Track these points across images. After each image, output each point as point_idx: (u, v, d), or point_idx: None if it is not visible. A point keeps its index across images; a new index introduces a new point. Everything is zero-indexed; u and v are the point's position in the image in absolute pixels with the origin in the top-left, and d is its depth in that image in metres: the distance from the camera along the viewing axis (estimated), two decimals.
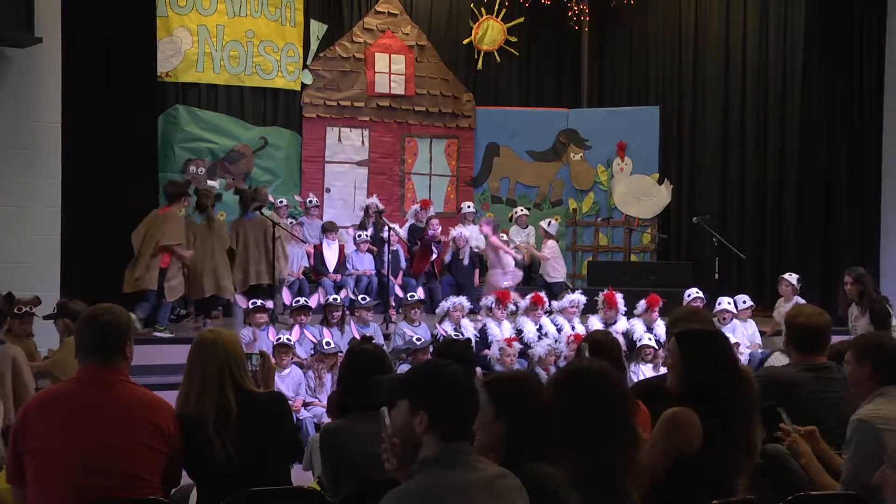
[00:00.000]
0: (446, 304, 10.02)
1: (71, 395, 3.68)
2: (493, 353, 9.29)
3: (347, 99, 13.93)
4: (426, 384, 2.95)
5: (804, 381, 4.43)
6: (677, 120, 14.84)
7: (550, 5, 14.49)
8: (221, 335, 4.00)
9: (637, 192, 14.42)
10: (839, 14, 12.49)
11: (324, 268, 12.12)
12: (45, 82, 9.03)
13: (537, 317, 10.02)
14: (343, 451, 3.97)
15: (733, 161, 14.28)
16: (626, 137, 14.53)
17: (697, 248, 13.99)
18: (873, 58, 12.32)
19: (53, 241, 9.16)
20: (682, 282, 11.67)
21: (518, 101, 15.37)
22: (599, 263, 13.88)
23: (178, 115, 12.81)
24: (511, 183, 14.91)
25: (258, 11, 13.34)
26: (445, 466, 2.82)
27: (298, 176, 13.77)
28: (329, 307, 9.53)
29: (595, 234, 14.81)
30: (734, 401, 3.66)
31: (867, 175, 12.38)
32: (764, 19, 14.03)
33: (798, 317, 4.74)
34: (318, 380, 8.48)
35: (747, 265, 13.41)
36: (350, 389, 4.16)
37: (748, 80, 14.17)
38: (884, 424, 3.85)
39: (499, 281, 11.63)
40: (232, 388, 3.86)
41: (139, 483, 3.58)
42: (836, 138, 12.49)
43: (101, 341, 3.70)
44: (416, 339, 8.88)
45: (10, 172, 8.95)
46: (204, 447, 3.75)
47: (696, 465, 3.55)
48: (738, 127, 14.26)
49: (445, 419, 2.86)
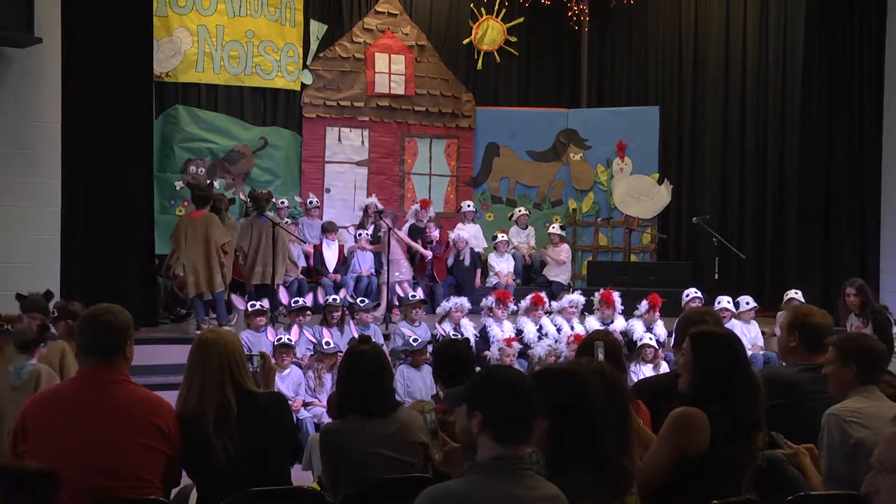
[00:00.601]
0: (447, 304, 10.03)
1: (71, 394, 3.69)
2: (493, 353, 9.30)
3: (347, 99, 13.92)
4: (482, 385, 2.96)
5: (804, 381, 4.44)
6: (677, 120, 14.85)
7: (550, 5, 14.48)
8: (222, 335, 4.00)
9: (637, 192, 14.42)
10: (839, 14, 12.49)
11: (323, 268, 12.14)
12: (45, 82, 9.03)
13: (537, 317, 10.02)
14: (342, 452, 3.98)
15: (733, 161, 14.29)
16: (626, 137, 14.53)
17: (697, 248, 14.00)
18: (873, 57, 12.31)
19: (53, 241, 9.15)
20: (681, 282, 11.67)
21: (518, 101, 15.37)
22: (599, 263, 13.88)
23: (178, 115, 12.81)
24: (511, 183, 14.91)
25: (258, 11, 13.34)
26: (496, 475, 2.81)
27: (298, 176, 13.77)
28: (328, 307, 9.54)
29: (595, 234, 14.81)
30: (745, 404, 3.66)
31: (867, 175, 12.37)
32: (764, 19, 14.05)
33: (811, 316, 4.75)
34: (318, 380, 8.49)
35: (747, 265, 13.42)
36: (349, 391, 4.16)
37: (748, 79, 14.18)
38: (851, 417, 3.90)
39: (394, 276, 11.72)
40: (232, 388, 3.86)
41: (139, 483, 3.58)
42: (836, 138, 12.48)
43: (101, 341, 3.70)
44: (413, 340, 8.89)
45: (10, 172, 8.94)
46: (204, 447, 3.75)
47: (700, 466, 3.55)
48: (738, 127, 14.27)
49: (498, 420, 2.85)
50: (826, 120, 12.59)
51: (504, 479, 2.80)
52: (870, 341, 4.27)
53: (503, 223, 14.08)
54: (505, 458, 2.83)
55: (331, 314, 9.46)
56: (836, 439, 3.89)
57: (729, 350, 3.78)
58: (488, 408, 2.88)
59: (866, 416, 3.90)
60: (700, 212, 13.02)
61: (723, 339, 3.84)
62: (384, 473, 3.90)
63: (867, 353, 4.14)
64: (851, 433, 3.85)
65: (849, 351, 4.17)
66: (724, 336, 3.89)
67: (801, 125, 13.32)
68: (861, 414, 3.91)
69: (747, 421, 3.66)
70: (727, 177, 14.34)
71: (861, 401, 4.01)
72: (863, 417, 3.90)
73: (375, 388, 4.10)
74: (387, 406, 4.11)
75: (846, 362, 4.14)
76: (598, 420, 3.07)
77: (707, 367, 3.73)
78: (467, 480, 2.84)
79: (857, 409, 3.94)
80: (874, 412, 3.91)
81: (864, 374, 4.10)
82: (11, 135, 8.92)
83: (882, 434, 3.25)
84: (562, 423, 3.02)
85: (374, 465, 3.95)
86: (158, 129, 11.92)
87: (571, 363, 3.32)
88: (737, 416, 3.62)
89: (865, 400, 4.01)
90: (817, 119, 12.71)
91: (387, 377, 4.21)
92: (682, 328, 4.44)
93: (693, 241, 14.19)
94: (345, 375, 4.24)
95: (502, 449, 2.84)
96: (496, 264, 12.83)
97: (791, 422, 4.33)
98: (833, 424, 3.92)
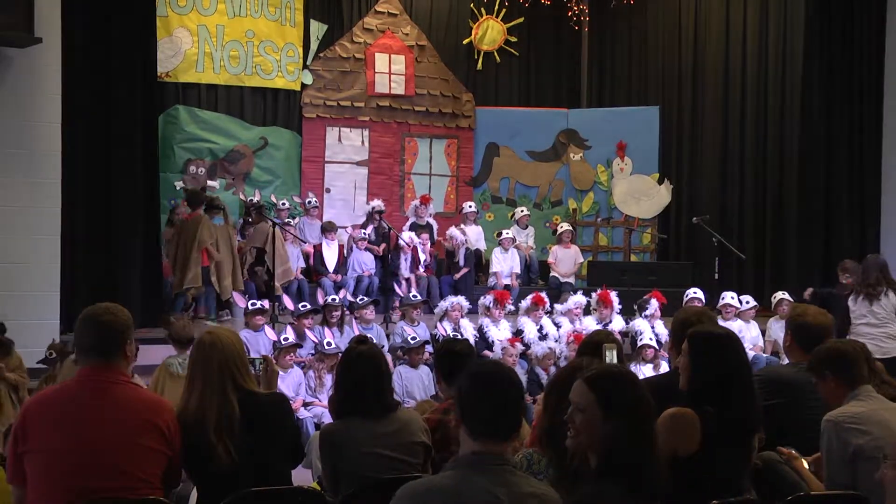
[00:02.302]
0: (444, 303, 10.04)
1: (71, 394, 3.68)
2: (496, 353, 9.31)
3: (347, 99, 13.92)
4: (462, 380, 2.97)
5: (801, 381, 4.42)
6: (677, 120, 14.84)
7: (550, 5, 14.48)
8: (221, 336, 3.98)
9: (637, 192, 14.42)
10: (838, 13, 12.50)
11: (323, 268, 12.13)
12: (46, 82, 9.02)
13: (537, 317, 10.03)
14: (342, 452, 3.98)
15: (733, 161, 14.27)
16: (626, 137, 14.53)
17: (697, 248, 14.00)
18: (873, 57, 12.33)
19: (53, 241, 9.15)
20: (682, 282, 11.68)
21: (518, 101, 15.37)
22: (599, 263, 13.88)
23: (178, 115, 12.81)
24: (511, 183, 14.91)
25: (258, 11, 13.34)
26: (473, 471, 2.80)
27: (298, 176, 13.76)
28: (328, 307, 9.54)
29: (595, 234, 14.81)
30: (742, 405, 3.64)
31: (867, 175, 12.39)
32: (763, 19, 14.02)
33: (804, 316, 4.74)
34: (319, 380, 8.49)
35: (747, 265, 13.41)
36: (347, 392, 4.15)
37: (748, 79, 14.16)
38: (851, 423, 3.88)
39: None
40: (233, 389, 3.85)
41: (139, 483, 3.57)
42: (835, 138, 12.50)
43: (100, 341, 3.69)
44: (412, 339, 8.91)
45: (10, 172, 8.94)
46: (205, 448, 3.75)
47: (691, 467, 3.53)
48: (738, 127, 14.25)
49: (472, 415, 2.86)
50: (826, 120, 12.60)
51: (481, 475, 2.79)
52: (835, 345, 4.23)
53: (503, 223, 14.08)
54: (482, 454, 2.82)
55: (330, 314, 9.46)
56: (834, 447, 3.87)
57: (728, 351, 3.75)
58: (464, 403, 2.88)
59: (866, 420, 3.87)
60: (700, 212, 13.01)
61: (722, 340, 3.80)
62: (384, 473, 3.89)
63: (835, 358, 4.11)
64: (850, 440, 3.82)
65: (818, 364, 4.16)
66: (723, 337, 3.84)
67: (800, 125, 13.32)
68: (860, 419, 3.88)
69: (743, 422, 3.65)
70: (727, 177, 14.32)
71: (859, 405, 3.97)
72: (862, 423, 3.87)
73: (373, 389, 4.09)
74: (385, 406, 4.11)
75: (822, 375, 4.14)
76: (651, 424, 3.07)
77: (705, 367, 3.71)
78: (446, 476, 2.84)
79: (856, 414, 3.91)
80: (874, 417, 3.88)
81: (843, 378, 4.07)
82: (11, 135, 8.92)
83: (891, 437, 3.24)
84: (625, 425, 2.96)
85: (374, 465, 3.95)
86: (159, 129, 11.91)
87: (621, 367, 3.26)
88: (733, 417, 3.60)
89: (863, 404, 3.97)
90: (817, 119, 12.74)
91: (385, 378, 4.21)
92: (677, 329, 4.43)
93: (693, 240, 14.19)
94: (343, 376, 4.23)
95: (478, 445, 2.83)
96: (500, 262, 12.83)
97: (788, 421, 4.33)
98: (831, 431, 3.90)
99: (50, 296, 9.01)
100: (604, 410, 2.96)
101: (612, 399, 2.97)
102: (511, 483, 2.80)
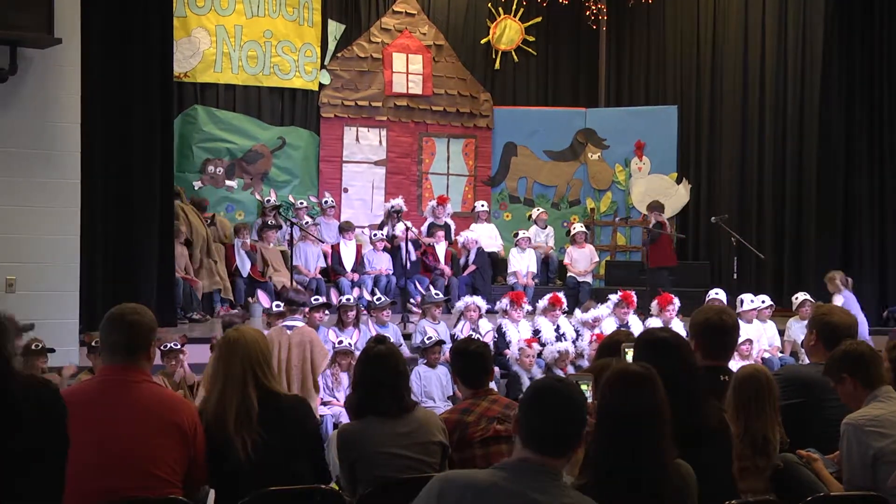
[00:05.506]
0: (460, 304, 10.04)
1: (93, 393, 3.70)
2: (513, 353, 9.30)
3: (365, 99, 13.94)
4: (528, 388, 2.99)
5: (823, 381, 4.38)
6: (695, 119, 14.78)
7: (568, 5, 14.47)
8: (244, 334, 3.98)
9: (655, 191, 14.37)
10: (858, 11, 12.41)
11: (341, 267, 12.15)
12: (65, 83, 9.04)
13: (555, 317, 10.00)
14: (359, 452, 3.99)
15: (752, 160, 14.17)
16: (644, 137, 14.50)
17: (716, 247, 13.95)
18: (894, 56, 12.23)
19: (73, 241, 9.18)
20: (700, 282, 11.63)
21: (536, 100, 15.36)
22: (617, 263, 13.85)
23: (196, 115, 12.87)
24: (529, 182, 14.89)
25: (276, 12, 13.38)
26: (517, 476, 2.80)
27: (316, 176, 13.80)
28: (343, 307, 9.44)
29: (613, 233, 14.78)
30: (687, 410, 3.45)
31: (887, 174, 12.30)
32: (782, 18, 13.92)
33: (830, 315, 4.70)
34: (335, 379, 8.49)
35: (766, 265, 13.33)
36: (365, 392, 4.15)
37: (766, 78, 14.06)
38: (871, 426, 3.84)
39: None
40: (254, 388, 3.85)
41: (159, 483, 3.58)
42: (855, 137, 12.41)
43: (127, 341, 3.71)
44: (427, 339, 8.90)
45: (29, 172, 8.97)
46: (223, 446, 3.75)
47: None
48: (757, 126, 14.15)
49: (526, 425, 2.85)
50: (845, 119, 12.51)
51: (525, 481, 2.78)
52: (850, 347, 4.16)
53: (521, 223, 14.07)
54: (528, 461, 2.82)
55: (346, 314, 9.41)
56: (854, 450, 3.83)
57: (669, 356, 3.62)
58: (521, 410, 2.89)
59: (886, 423, 3.84)
60: (718, 211, 12.97)
61: (664, 343, 3.72)
62: (401, 473, 3.89)
63: (852, 360, 4.07)
64: (870, 443, 3.78)
65: (835, 367, 4.12)
66: (667, 339, 3.77)
67: (819, 124, 13.20)
68: (880, 421, 3.85)
69: (691, 427, 3.44)
70: (746, 176, 14.23)
71: (879, 406, 3.93)
72: (882, 425, 3.83)
73: (390, 389, 4.09)
74: (403, 406, 4.10)
75: (839, 378, 4.10)
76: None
77: None
78: (488, 472, 2.84)
79: (876, 417, 3.87)
80: (894, 419, 3.86)
81: (862, 379, 4.03)
82: (31, 135, 8.94)
83: None
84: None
85: (391, 465, 3.94)
86: (177, 129, 11.98)
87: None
88: (682, 422, 3.33)
89: (883, 405, 3.93)
90: (836, 118, 12.63)
91: (402, 377, 4.20)
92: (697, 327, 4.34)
93: (712, 240, 14.13)
94: (360, 376, 4.23)
95: (526, 453, 2.83)
96: (517, 261, 12.80)
97: (809, 421, 4.30)
98: (851, 434, 3.86)
99: (69, 295, 9.03)
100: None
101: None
102: (550, 492, 2.79)
